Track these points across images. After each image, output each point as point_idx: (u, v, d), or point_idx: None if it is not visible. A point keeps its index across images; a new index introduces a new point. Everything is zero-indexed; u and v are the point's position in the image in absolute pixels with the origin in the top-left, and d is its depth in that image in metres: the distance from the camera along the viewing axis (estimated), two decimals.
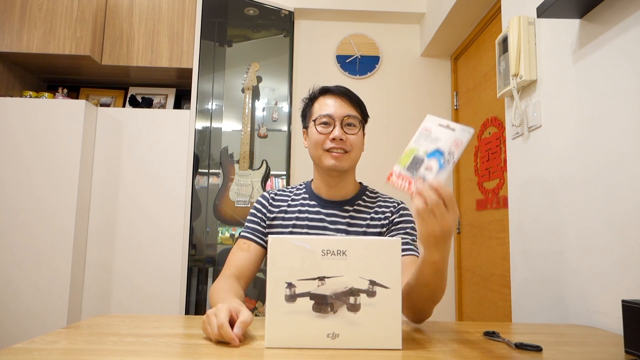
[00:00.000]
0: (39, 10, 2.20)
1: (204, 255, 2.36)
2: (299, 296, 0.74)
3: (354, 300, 0.74)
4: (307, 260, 0.75)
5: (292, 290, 0.74)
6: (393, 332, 0.74)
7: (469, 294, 2.31)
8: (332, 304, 0.74)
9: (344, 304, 0.74)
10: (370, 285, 0.74)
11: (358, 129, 1.14)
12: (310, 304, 0.74)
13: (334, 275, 0.75)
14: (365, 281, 0.74)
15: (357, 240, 0.78)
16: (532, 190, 1.40)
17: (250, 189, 2.37)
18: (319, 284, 0.74)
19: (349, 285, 0.74)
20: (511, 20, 1.43)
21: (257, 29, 2.65)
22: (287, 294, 0.74)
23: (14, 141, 2.08)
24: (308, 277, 0.75)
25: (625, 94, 1.02)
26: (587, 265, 1.12)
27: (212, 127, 2.48)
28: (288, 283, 0.74)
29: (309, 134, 1.17)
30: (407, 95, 2.68)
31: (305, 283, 0.74)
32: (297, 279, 0.74)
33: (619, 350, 0.80)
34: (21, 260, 2.02)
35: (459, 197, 2.52)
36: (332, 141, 1.11)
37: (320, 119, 1.12)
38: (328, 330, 0.74)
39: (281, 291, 0.74)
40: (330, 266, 0.75)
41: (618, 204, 1.02)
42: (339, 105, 1.13)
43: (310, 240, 0.78)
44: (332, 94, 1.15)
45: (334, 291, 0.74)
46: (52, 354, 0.69)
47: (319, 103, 1.16)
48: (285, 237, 0.78)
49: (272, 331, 0.74)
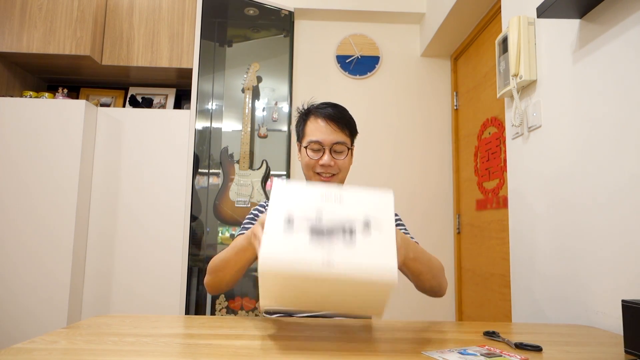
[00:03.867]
0: (39, 10, 2.20)
1: (204, 255, 2.36)
2: (297, 228, 0.76)
3: (349, 236, 0.76)
4: (306, 202, 0.79)
5: (290, 223, 0.77)
6: (388, 265, 0.73)
7: (469, 294, 2.31)
8: (329, 237, 0.75)
9: (340, 238, 0.76)
10: (365, 225, 0.77)
11: (346, 154, 1.21)
12: (307, 236, 0.75)
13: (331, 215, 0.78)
14: (360, 222, 0.77)
15: (353, 189, 0.83)
16: (532, 190, 1.40)
17: (250, 189, 2.37)
18: (317, 220, 0.77)
19: (345, 224, 0.77)
20: (511, 20, 1.43)
21: (257, 29, 2.65)
22: (285, 225, 0.76)
23: (14, 141, 2.08)
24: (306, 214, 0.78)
25: (625, 93, 1.02)
26: (587, 265, 1.13)
27: (212, 127, 2.48)
28: (287, 217, 0.77)
29: (301, 155, 1.25)
30: (407, 95, 2.68)
31: (304, 218, 0.77)
32: (296, 214, 0.78)
33: (619, 350, 0.80)
34: (21, 260, 2.02)
35: (459, 197, 2.52)
36: (322, 167, 1.19)
37: (311, 145, 1.19)
38: (324, 257, 0.73)
39: (280, 223, 0.76)
40: (328, 209, 0.79)
41: (618, 203, 1.02)
42: (329, 131, 1.19)
43: (309, 185, 0.84)
44: (322, 117, 1.20)
45: (330, 227, 0.77)
46: (52, 354, 0.69)
47: (310, 126, 1.22)
48: (288, 182, 0.83)
49: (268, 253, 0.73)
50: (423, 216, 2.55)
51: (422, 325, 1.00)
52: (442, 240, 2.54)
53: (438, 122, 2.66)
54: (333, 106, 1.23)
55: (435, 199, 2.58)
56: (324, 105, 1.24)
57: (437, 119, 2.66)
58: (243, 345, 0.76)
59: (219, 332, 0.88)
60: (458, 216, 2.50)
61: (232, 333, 0.87)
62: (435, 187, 2.60)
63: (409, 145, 2.63)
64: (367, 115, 2.64)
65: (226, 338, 0.83)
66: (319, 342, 0.81)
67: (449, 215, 2.57)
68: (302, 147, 1.23)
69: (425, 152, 2.63)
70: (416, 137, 2.64)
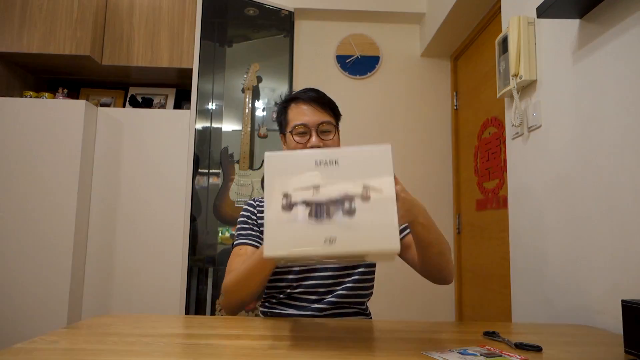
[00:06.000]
0: (39, 11, 2.20)
1: (204, 255, 2.36)
2: (295, 205, 0.75)
3: (348, 205, 0.75)
4: (302, 171, 0.78)
5: (288, 199, 0.76)
6: (390, 233, 0.73)
7: (469, 294, 2.31)
8: (328, 210, 0.75)
9: (339, 209, 0.75)
10: (364, 189, 0.75)
11: (333, 133, 1.17)
12: (306, 211, 0.75)
13: (328, 183, 0.76)
14: (358, 186, 0.76)
15: (348, 149, 0.80)
16: (532, 190, 1.40)
17: (250, 189, 2.37)
18: (314, 192, 0.76)
19: (343, 191, 0.75)
20: (511, 20, 1.43)
21: (257, 29, 2.65)
22: (283, 203, 0.75)
23: (14, 141, 2.08)
24: (303, 186, 0.76)
25: (625, 94, 1.02)
26: (587, 265, 1.13)
27: (212, 127, 2.48)
28: (284, 193, 0.76)
29: (287, 143, 1.19)
30: (407, 95, 2.68)
31: (301, 192, 0.76)
32: (293, 188, 0.76)
33: (619, 350, 0.80)
34: (21, 260, 2.01)
35: (459, 197, 2.52)
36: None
37: (296, 129, 1.15)
38: (325, 235, 0.73)
39: (278, 201, 0.76)
40: (324, 175, 0.77)
41: (618, 203, 1.02)
42: (312, 112, 1.15)
43: (303, 152, 0.81)
44: (303, 101, 1.17)
45: (328, 197, 0.75)
46: (52, 354, 0.69)
47: (292, 111, 1.18)
48: (280, 153, 0.80)
49: (271, 240, 0.74)
50: None
51: (422, 325, 1.00)
52: None
53: (438, 122, 2.66)
54: (312, 90, 1.19)
55: (435, 199, 2.58)
56: (303, 90, 1.20)
57: (437, 119, 2.66)
58: (243, 345, 0.76)
59: (219, 332, 0.88)
60: (458, 216, 2.50)
61: (232, 333, 0.87)
62: (435, 187, 2.60)
63: (409, 145, 2.63)
64: (367, 115, 2.64)
65: (226, 338, 0.83)
66: (319, 342, 0.81)
67: (449, 215, 2.57)
68: (287, 133, 1.18)
69: (426, 152, 2.63)
70: (416, 138, 2.64)
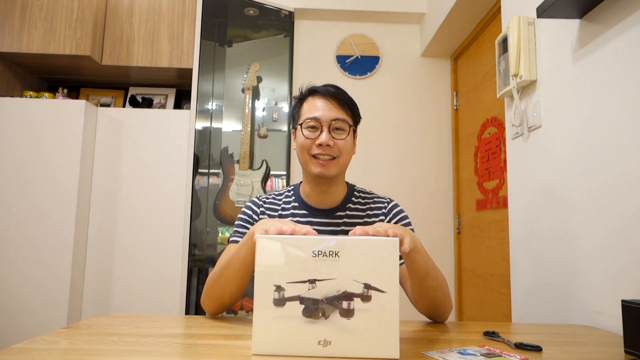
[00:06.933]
0: (39, 10, 2.20)
1: (204, 255, 2.36)
2: (288, 300, 0.69)
3: (347, 305, 0.69)
4: (298, 261, 0.70)
5: (280, 293, 0.70)
6: (390, 340, 0.69)
7: (469, 294, 2.31)
8: (324, 309, 0.69)
9: (337, 309, 0.69)
10: (365, 289, 0.69)
11: (347, 133, 1.08)
12: (300, 308, 0.69)
13: (326, 278, 0.70)
14: (359, 284, 0.69)
15: (351, 240, 0.72)
16: (532, 190, 1.40)
17: (250, 189, 2.37)
18: (310, 287, 0.69)
19: (342, 288, 0.69)
20: (511, 20, 1.43)
21: (257, 29, 2.65)
22: (275, 297, 0.70)
23: (14, 141, 2.08)
24: (298, 280, 0.70)
25: (625, 93, 1.02)
26: (587, 265, 1.12)
27: (212, 127, 2.48)
28: (277, 286, 0.70)
29: (296, 137, 1.11)
30: (407, 95, 2.68)
31: (295, 286, 0.70)
32: (287, 281, 0.70)
33: (618, 350, 0.80)
34: (21, 260, 2.02)
35: (459, 197, 2.52)
36: (319, 147, 1.05)
37: (307, 122, 1.07)
38: (319, 337, 0.69)
39: (269, 294, 0.70)
40: (322, 268, 0.70)
41: (618, 203, 1.02)
42: (328, 107, 1.07)
43: (300, 240, 0.72)
44: (321, 95, 1.09)
45: (325, 295, 0.69)
46: (52, 354, 0.69)
47: (307, 104, 1.10)
48: (274, 237, 0.73)
49: (260, 337, 0.70)
50: (423, 216, 2.55)
51: (422, 325, 1.00)
52: (442, 240, 2.54)
53: (438, 122, 2.66)
54: (333, 86, 1.11)
55: (435, 199, 2.58)
56: (324, 85, 1.12)
57: (437, 119, 2.66)
58: (243, 345, 0.76)
59: (219, 332, 0.88)
60: (458, 216, 2.50)
61: (232, 333, 0.87)
62: (435, 187, 2.60)
63: (409, 145, 2.63)
64: (367, 115, 2.63)
65: (226, 338, 0.83)
66: None
67: (449, 215, 2.57)
68: (298, 126, 1.09)
69: (425, 152, 2.63)
70: (416, 137, 2.64)
